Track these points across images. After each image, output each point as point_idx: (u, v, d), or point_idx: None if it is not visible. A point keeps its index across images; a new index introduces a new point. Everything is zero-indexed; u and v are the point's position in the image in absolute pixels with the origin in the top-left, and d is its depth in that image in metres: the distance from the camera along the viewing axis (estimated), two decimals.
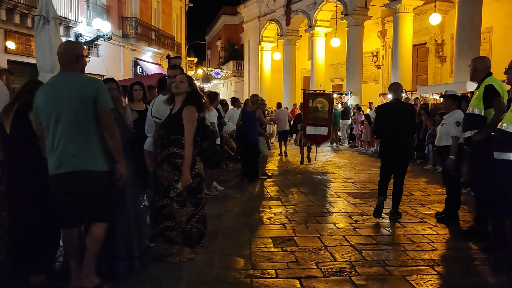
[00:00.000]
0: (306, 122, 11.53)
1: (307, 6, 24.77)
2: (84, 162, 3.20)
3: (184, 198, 3.96)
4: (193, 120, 3.98)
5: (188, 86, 4.00)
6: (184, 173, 3.87)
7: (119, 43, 21.30)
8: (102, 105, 3.24)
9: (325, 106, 11.66)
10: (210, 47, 51.37)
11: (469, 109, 4.65)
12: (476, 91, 4.62)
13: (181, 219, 3.95)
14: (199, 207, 4.05)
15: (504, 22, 17.25)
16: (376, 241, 4.73)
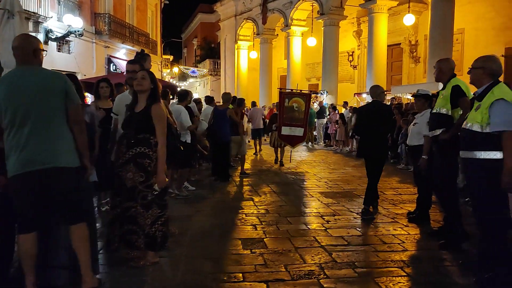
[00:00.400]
0: (281, 122, 11.13)
1: (283, 5, 24.74)
2: (58, 158, 3.08)
3: (150, 201, 3.79)
4: (164, 118, 3.84)
5: (150, 83, 3.84)
6: (159, 174, 3.73)
7: (91, 39, 20.78)
8: (72, 99, 3.17)
9: (301, 106, 11.30)
10: (187, 45, 50.88)
11: (436, 109, 4.66)
12: (442, 91, 4.64)
13: (145, 222, 3.79)
14: (165, 209, 3.90)
15: (475, 23, 17.57)
16: (347, 242, 4.66)
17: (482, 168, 3.54)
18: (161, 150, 3.72)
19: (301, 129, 11.17)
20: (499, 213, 3.57)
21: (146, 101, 3.81)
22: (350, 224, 5.41)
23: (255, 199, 7.04)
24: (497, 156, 3.46)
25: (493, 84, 3.60)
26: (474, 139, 3.61)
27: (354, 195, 7.35)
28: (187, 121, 7.08)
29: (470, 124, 3.67)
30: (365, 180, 8.16)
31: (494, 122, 3.44)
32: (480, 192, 3.59)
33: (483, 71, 3.69)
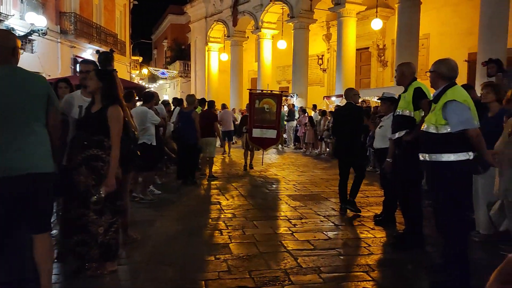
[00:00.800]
0: (252, 124, 10.76)
1: (253, 7, 24.71)
2: (37, 163, 2.93)
3: (103, 206, 3.61)
4: (120, 120, 3.67)
5: (97, 83, 3.65)
6: (109, 178, 3.54)
7: (56, 39, 20.18)
8: (54, 103, 3.10)
9: (273, 107, 10.97)
10: (157, 47, 50.25)
11: (398, 111, 4.69)
12: (404, 94, 4.67)
13: (98, 230, 3.60)
14: (118, 215, 3.73)
15: (440, 29, 18.03)
16: (313, 246, 4.60)
17: (440, 171, 3.56)
18: (114, 153, 3.55)
19: (274, 131, 10.88)
20: (460, 215, 3.58)
21: (101, 102, 3.64)
22: (316, 228, 5.37)
23: (223, 202, 6.92)
24: (451, 158, 3.49)
25: (447, 86, 3.63)
26: (430, 141, 3.64)
27: (321, 197, 7.33)
28: (156, 119, 6.90)
29: (426, 126, 3.70)
30: (333, 183, 8.28)
31: (453, 123, 3.47)
32: (440, 195, 3.61)
33: (436, 75, 3.73)
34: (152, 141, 6.79)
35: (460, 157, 3.46)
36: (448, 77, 3.65)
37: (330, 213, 6.18)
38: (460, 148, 3.45)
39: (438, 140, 3.53)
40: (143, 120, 6.63)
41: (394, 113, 4.81)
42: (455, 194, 3.50)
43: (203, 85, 31.39)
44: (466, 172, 3.52)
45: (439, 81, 3.68)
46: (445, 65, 3.68)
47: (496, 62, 6.24)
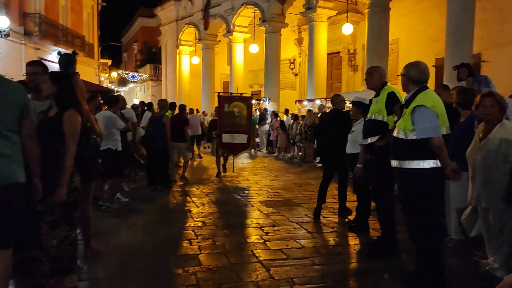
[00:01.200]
0: (221, 129, 10.27)
1: (225, 11, 24.56)
2: (14, 174, 2.85)
3: (58, 217, 3.35)
4: (76, 127, 3.43)
5: (51, 87, 3.41)
6: (61, 186, 3.28)
7: (20, 41, 19.46)
8: (29, 113, 3.02)
9: (243, 111, 10.52)
10: (127, 50, 49.36)
11: (370, 115, 4.59)
12: (376, 98, 4.58)
13: (51, 243, 3.33)
14: (74, 228, 3.47)
15: (408, 34, 18.35)
16: (285, 256, 4.45)
17: (410, 178, 3.49)
18: (68, 161, 3.30)
19: (244, 135, 10.43)
20: (432, 223, 3.52)
21: (56, 107, 3.40)
22: (289, 236, 5.23)
23: (193, 210, 6.70)
24: (421, 165, 3.42)
25: (418, 90, 3.57)
26: (400, 147, 3.57)
27: (294, 203, 7.21)
28: (120, 124, 6.63)
29: (397, 131, 3.64)
30: (306, 188, 8.18)
31: (418, 129, 3.42)
32: (411, 202, 3.54)
33: (407, 78, 3.66)
34: (117, 146, 6.51)
35: (430, 164, 3.40)
36: (419, 80, 3.59)
37: (303, 219, 6.07)
38: (430, 155, 3.39)
39: (407, 146, 3.46)
40: (107, 125, 6.36)
41: (366, 118, 4.72)
42: (427, 202, 3.43)
43: (174, 89, 30.98)
44: (437, 179, 3.46)
45: (410, 85, 3.62)
46: (415, 69, 3.62)
47: (467, 66, 6.29)
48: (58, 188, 3.27)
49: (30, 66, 3.98)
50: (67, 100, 3.45)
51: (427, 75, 3.63)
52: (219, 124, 10.42)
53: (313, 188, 8.80)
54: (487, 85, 5.94)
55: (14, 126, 2.91)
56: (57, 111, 3.40)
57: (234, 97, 11.22)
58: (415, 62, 3.71)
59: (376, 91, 4.60)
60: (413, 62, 3.73)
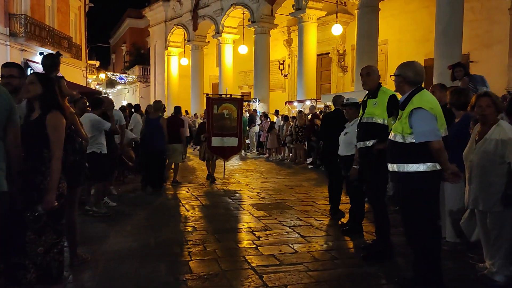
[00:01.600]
0: (210, 132, 9.81)
1: (214, 12, 24.42)
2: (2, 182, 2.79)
3: (44, 225, 3.20)
4: (61, 129, 3.27)
5: (39, 88, 3.26)
6: (49, 193, 3.12)
7: (5, 42, 19.16)
8: (15, 120, 2.94)
9: (233, 113, 10.09)
10: (115, 51, 48.93)
11: (366, 117, 4.46)
12: (374, 100, 4.46)
13: (37, 251, 3.18)
14: (61, 235, 3.31)
15: (398, 35, 18.40)
16: (278, 261, 4.33)
17: (408, 182, 3.40)
18: (55, 165, 3.15)
19: (235, 138, 10.03)
20: (430, 227, 3.43)
21: (40, 109, 3.24)
22: (282, 240, 5.11)
23: (183, 214, 6.56)
24: (420, 168, 3.33)
25: (414, 92, 3.47)
26: (397, 151, 3.48)
27: (286, 206, 7.10)
28: (105, 125, 6.44)
29: (393, 134, 3.54)
30: (297, 190, 8.14)
31: (416, 133, 3.33)
32: (408, 207, 3.44)
33: (402, 79, 3.57)
34: (102, 149, 6.34)
35: (429, 167, 3.31)
36: (414, 81, 3.50)
37: (295, 223, 5.95)
38: (429, 158, 3.30)
39: (405, 149, 3.37)
40: (92, 128, 6.21)
41: (361, 120, 4.60)
42: (425, 205, 3.34)
43: (163, 90, 30.74)
44: (436, 182, 3.38)
45: (405, 86, 3.52)
46: (411, 69, 3.52)
47: (463, 66, 6.24)
48: (46, 194, 3.12)
49: (6, 68, 3.79)
50: (51, 103, 3.30)
51: (422, 75, 3.54)
52: (208, 127, 9.94)
53: (304, 190, 8.72)
54: (483, 85, 5.89)
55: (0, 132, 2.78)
56: (40, 114, 3.24)
57: (224, 99, 10.81)
58: (410, 62, 3.61)
59: (371, 91, 4.49)
60: (407, 62, 3.63)
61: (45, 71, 4.80)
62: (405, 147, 3.37)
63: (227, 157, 10.26)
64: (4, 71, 3.85)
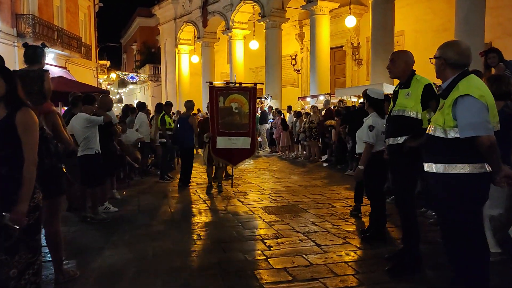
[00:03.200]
0: (215, 131, 7.91)
1: (224, 7, 23.90)
2: None
3: (17, 241, 2.71)
4: (34, 129, 2.77)
5: (3, 83, 2.77)
6: (21, 204, 2.64)
7: (13, 42, 18.90)
8: None
9: (244, 106, 8.08)
10: (126, 51, 48.84)
11: (397, 110, 3.87)
12: (406, 90, 3.86)
13: (10, 274, 2.69)
14: (38, 253, 2.83)
15: (414, 26, 17.63)
16: (291, 277, 3.79)
17: (450, 186, 2.80)
18: (29, 170, 2.67)
19: (247, 138, 8.03)
20: (476, 239, 2.84)
21: (5, 108, 2.75)
22: (295, 250, 4.56)
23: (187, 220, 6.05)
24: (466, 170, 2.73)
25: (459, 76, 2.87)
26: (437, 148, 2.87)
27: (299, 209, 6.55)
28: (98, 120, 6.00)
29: (433, 128, 2.94)
30: (311, 191, 7.64)
31: (461, 126, 2.71)
32: (450, 215, 2.86)
33: (443, 61, 2.97)
34: (95, 150, 5.94)
35: (476, 168, 2.71)
36: (458, 64, 2.90)
37: (310, 228, 5.40)
38: (476, 157, 2.70)
39: (447, 146, 2.77)
40: (83, 129, 5.82)
41: (391, 113, 3.99)
42: (471, 215, 2.76)
43: (174, 89, 30.38)
44: (483, 188, 2.77)
45: (447, 70, 2.93)
46: (454, 49, 2.92)
47: (497, 51, 5.58)
48: (17, 204, 2.63)
49: None
50: (19, 99, 2.81)
51: (469, 56, 2.92)
52: (212, 124, 7.99)
53: (319, 190, 8.15)
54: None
55: None
56: (7, 113, 2.75)
57: (232, 88, 8.41)
58: (453, 42, 3.02)
59: (403, 81, 3.90)
60: (450, 41, 3.04)
61: (26, 62, 4.35)
62: (447, 143, 2.78)
63: (236, 162, 8.23)
64: None
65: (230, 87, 8.57)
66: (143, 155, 10.46)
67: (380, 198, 4.95)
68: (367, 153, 4.64)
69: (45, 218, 3.73)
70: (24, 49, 4.39)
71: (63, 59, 23.31)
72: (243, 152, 8.09)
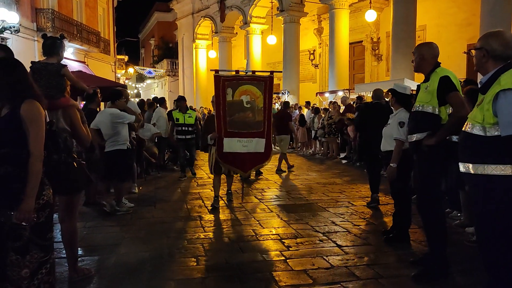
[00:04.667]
0: (222, 131, 6.31)
1: (242, 1, 23.73)
2: None
3: (27, 241, 2.62)
4: (40, 121, 2.64)
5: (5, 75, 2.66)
6: (26, 200, 2.53)
7: (33, 37, 19.07)
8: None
9: (258, 100, 6.52)
10: (144, 45, 49.07)
11: (417, 106, 3.69)
12: (425, 84, 3.68)
13: (21, 274, 2.60)
14: (50, 251, 2.73)
15: (437, 20, 17.19)
16: (311, 280, 3.64)
17: (490, 188, 2.61)
18: (35, 166, 2.55)
19: (261, 140, 6.48)
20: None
21: (9, 102, 2.63)
22: (315, 251, 4.41)
23: (204, 217, 5.94)
24: (506, 171, 2.53)
25: (502, 69, 2.66)
26: (475, 147, 2.67)
27: (319, 208, 6.38)
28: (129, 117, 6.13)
29: (470, 125, 2.74)
30: (330, 188, 7.52)
31: (503, 123, 2.51)
32: (489, 221, 2.66)
33: (484, 53, 2.76)
34: (127, 145, 6.15)
35: None
36: (502, 56, 2.69)
37: (330, 228, 5.24)
38: None
39: (486, 145, 2.57)
40: (112, 124, 5.94)
41: (413, 109, 3.82)
42: (509, 221, 2.56)
43: (191, 84, 30.38)
44: None
45: (489, 62, 2.72)
46: (498, 39, 2.72)
47: None
48: (22, 202, 2.53)
49: None
50: (24, 90, 2.69)
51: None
52: (218, 122, 6.35)
53: (338, 188, 7.97)
54: None
55: None
56: (12, 107, 2.64)
57: (242, 78, 6.68)
58: (496, 32, 2.80)
59: (425, 74, 3.72)
60: (493, 31, 2.82)
61: (44, 54, 4.29)
62: (486, 142, 2.58)
63: (248, 169, 6.60)
64: None
65: (241, 77, 6.74)
66: (160, 150, 10.40)
67: (405, 198, 4.75)
68: (399, 151, 4.44)
69: (61, 215, 3.67)
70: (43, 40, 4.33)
71: (82, 53, 23.47)
72: (256, 157, 6.51)
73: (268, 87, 6.61)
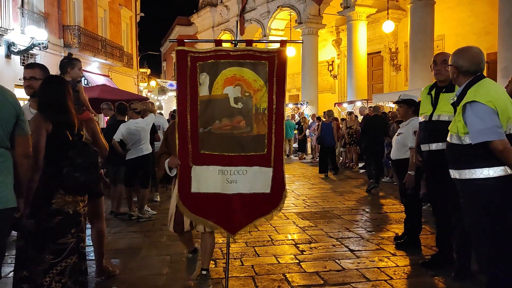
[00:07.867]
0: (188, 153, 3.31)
1: (260, 15, 24.16)
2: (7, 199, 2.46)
3: (43, 242, 2.92)
4: (36, 135, 2.87)
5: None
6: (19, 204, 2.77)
7: (60, 53, 19.83)
8: (24, 127, 2.61)
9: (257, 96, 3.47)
10: (166, 59, 50.04)
11: (437, 115, 3.78)
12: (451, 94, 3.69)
13: (37, 269, 2.90)
14: (62, 255, 2.97)
15: (455, 29, 17.18)
16: (323, 281, 3.82)
17: (472, 191, 2.80)
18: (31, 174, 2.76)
19: (263, 170, 3.41)
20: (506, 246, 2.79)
21: None
22: (328, 255, 4.58)
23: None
24: (489, 173, 2.72)
25: (471, 83, 2.88)
26: (456, 155, 2.89)
27: (334, 215, 6.54)
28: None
29: (449, 135, 2.96)
30: (346, 197, 7.68)
31: (471, 132, 2.73)
32: (477, 222, 2.83)
33: (454, 69, 2.99)
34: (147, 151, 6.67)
35: (497, 172, 2.70)
36: (469, 71, 2.90)
37: (343, 234, 5.40)
38: (496, 160, 2.69)
39: (464, 152, 2.79)
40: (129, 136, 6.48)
41: (431, 117, 3.94)
42: (497, 222, 2.72)
43: None
44: (509, 191, 2.74)
45: (460, 77, 2.96)
46: (464, 57, 2.94)
47: None
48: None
49: (28, 70, 3.54)
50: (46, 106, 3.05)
51: (480, 63, 2.91)
52: (183, 136, 3.32)
53: (355, 197, 8.11)
54: None
55: (5, 142, 2.50)
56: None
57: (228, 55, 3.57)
58: (463, 49, 3.01)
59: (447, 84, 3.84)
60: (460, 48, 3.03)
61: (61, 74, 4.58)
62: (463, 150, 2.80)
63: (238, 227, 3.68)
64: (25, 72, 3.59)
65: (226, 51, 3.59)
66: None
67: (417, 205, 4.89)
68: (415, 159, 4.59)
69: (90, 218, 3.97)
70: None
71: (106, 67, 24.26)
72: (255, 203, 3.52)
73: (277, 71, 3.53)
